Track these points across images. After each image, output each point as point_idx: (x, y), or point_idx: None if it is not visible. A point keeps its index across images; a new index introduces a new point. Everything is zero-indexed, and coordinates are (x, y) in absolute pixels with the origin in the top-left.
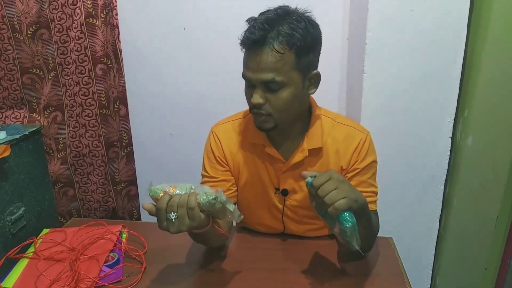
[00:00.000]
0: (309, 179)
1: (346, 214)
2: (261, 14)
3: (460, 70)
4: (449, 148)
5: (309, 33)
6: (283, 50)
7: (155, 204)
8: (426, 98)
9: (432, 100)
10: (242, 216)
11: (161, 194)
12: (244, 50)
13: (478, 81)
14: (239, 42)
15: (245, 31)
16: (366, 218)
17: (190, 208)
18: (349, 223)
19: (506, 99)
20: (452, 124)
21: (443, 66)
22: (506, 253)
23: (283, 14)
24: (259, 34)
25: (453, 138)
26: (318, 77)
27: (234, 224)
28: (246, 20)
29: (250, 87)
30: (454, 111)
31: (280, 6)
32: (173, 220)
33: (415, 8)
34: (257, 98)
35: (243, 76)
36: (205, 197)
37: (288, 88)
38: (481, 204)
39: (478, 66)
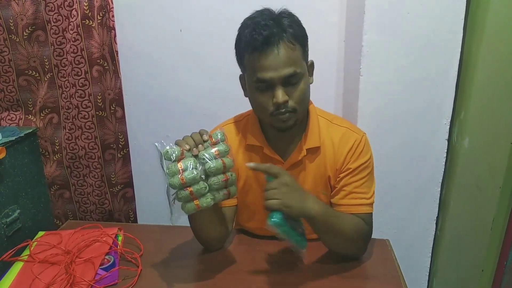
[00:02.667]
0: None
1: (273, 213)
2: (251, 18)
3: (456, 72)
4: (446, 150)
5: (301, 25)
6: (294, 42)
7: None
8: (422, 100)
9: (429, 102)
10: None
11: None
12: (249, 53)
13: (474, 83)
14: (238, 48)
15: (248, 36)
16: (324, 225)
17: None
18: (270, 221)
19: (503, 101)
20: (448, 126)
21: (439, 68)
22: (503, 255)
23: (273, 12)
24: (269, 32)
25: (449, 140)
26: (313, 65)
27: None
28: (240, 28)
29: (266, 89)
30: (451, 113)
31: (264, 8)
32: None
33: (411, 10)
34: (284, 95)
35: (259, 79)
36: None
37: (304, 79)
38: (478, 205)
39: (474, 68)
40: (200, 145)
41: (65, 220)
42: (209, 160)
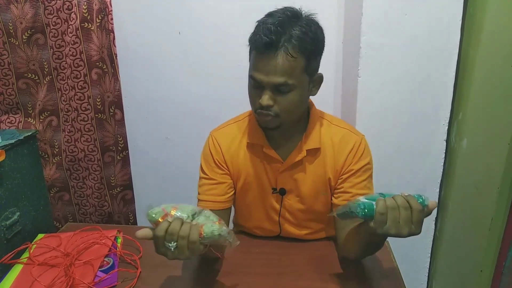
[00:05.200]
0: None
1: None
2: (269, 15)
3: (454, 73)
4: (444, 151)
5: (318, 37)
6: (296, 54)
7: (153, 228)
8: (420, 101)
9: (427, 103)
10: (239, 242)
11: (160, 219)
12: (253, 50)
13: (472, 84)
14: (249, 41)
15: (256, 33)
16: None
17: (192, 242)
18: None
19: (500, 102)
20: (446, 127)
21: (437, 70)
22: (501, 255)
23: (292, 16)
24: (272, 38)
25: (447, 141)
26: (321, 79)
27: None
28: (257, 21)
29: (257, 88)
30: (449, 114)
31: (287, 7)
32: (172, 249)
33: (409, 12)
34: (267, 100)
35: (252, 76)
36: (209, 233)
37: (297, 91)
38: (476, 206)
39: (472, 69)
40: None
41: (65, 222)
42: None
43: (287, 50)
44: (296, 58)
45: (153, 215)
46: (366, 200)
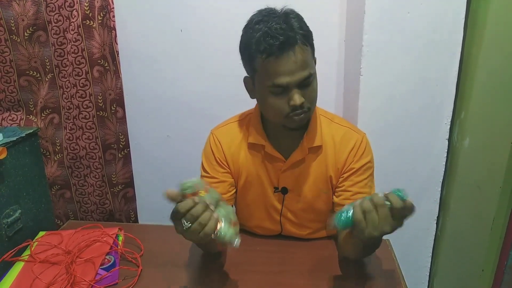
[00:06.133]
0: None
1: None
2: (260, 21)
3: (457, 72)
4: (446, 150)
5: (306, 23)
6: (306, 44)
7: (180, 198)
8: (422, 100)
9: (429, 102)
10: (239, 245)
11: (189, 195)
12: (265, 59)
13: (474, 83)
14: (257, 51)
15: (263, 39)
16: None
17: (205, 232)
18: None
19: (503, 101)
20: (448, 126)
21: (439, 68)
22: (503, 255)
23: (282, 15)
24: (284, 37)
25: (449, 140)
26: (315, 61)
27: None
28: (249, 31)
29: (280, 93)
30: (451, 113)
31: (267, 8)
32: (184, 228)
33: (412, 10)
34: (300, 98)
35: (275, 84)
36: (223, 234)
37: (315, 78)
38: (478, 205)
39: (475, 68)
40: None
41: (66, 220)
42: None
43: (299, 43)
44: (307, 46)
45: (185, 188)
46: (344, 211)
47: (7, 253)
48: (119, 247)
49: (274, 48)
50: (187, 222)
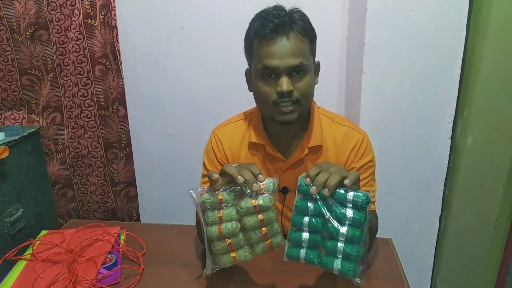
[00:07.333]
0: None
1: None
2: (264, 12)
3: (459, 70)
4: (449, 149)
5: (311, 24)
6: (303, 35)
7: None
8: (425, 98)
9: (431, 100)
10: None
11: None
12: (258, 41)
13: (477, 81)
14: (249, 36)
15: (259, 22)
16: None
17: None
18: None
19: (506, 99)
20: (451, 125)
21: (442, 66)
22: (506, 254)
23: (285, 8)
24: (280, 20)
25: (452, 138)
26: (319, 67)
27: None
28: (251, 22)
29: (270, 78)
30: (454, 111)
31: (275, 4)
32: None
33: (414, 8)
34: (288, 85)
35: (266, 66)
36: (229, 232)
37: (309, 73)
38: (481, 204)
39: (478, 66)
40: (255, 184)
41: (68, 219)
42: (245, 216)
43: (295, 31)
44: (304, 39)
45: (212, 200)
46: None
47: (9, 251)
48: (121, 246)
49: (268, 30)
50: (215, 211)
